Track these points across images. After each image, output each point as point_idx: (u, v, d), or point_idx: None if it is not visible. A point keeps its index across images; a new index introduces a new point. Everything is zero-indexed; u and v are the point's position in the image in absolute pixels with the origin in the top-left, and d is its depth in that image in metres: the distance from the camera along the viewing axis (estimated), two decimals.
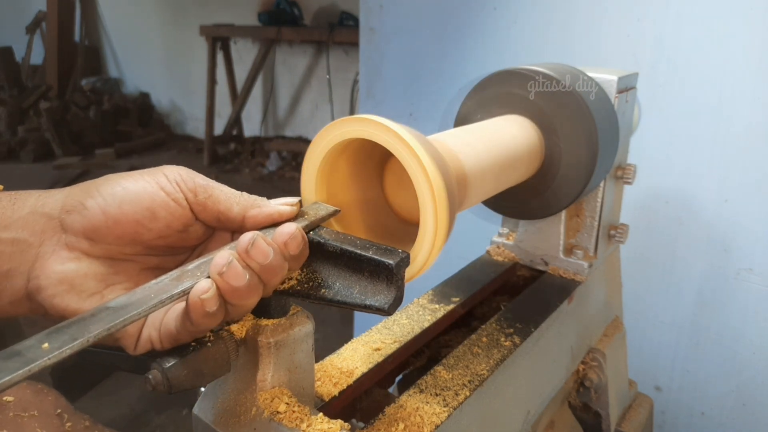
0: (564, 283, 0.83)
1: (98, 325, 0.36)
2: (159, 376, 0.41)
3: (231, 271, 0.40)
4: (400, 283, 0.43)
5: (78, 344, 0.34)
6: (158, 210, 0.43)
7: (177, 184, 0.44)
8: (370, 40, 1.68)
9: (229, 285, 0.40)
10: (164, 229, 0.44)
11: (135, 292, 0.39)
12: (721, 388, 1.29)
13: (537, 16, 1.37)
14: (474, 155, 0.58)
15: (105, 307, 0.38)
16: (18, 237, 0.42)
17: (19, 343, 0.34)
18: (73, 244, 0.43)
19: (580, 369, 0.88)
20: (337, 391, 0.57)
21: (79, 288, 0.42)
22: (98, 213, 0.42)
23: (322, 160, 0.50)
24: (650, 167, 1.24)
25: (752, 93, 1.12)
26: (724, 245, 1.22)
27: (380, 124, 0.46)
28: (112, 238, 0.43)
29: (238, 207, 0.45)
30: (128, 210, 0.42)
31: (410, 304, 0.74)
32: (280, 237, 0.43)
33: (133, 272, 0.45)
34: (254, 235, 0.41)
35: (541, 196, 0.75)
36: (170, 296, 0.39)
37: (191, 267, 0.42)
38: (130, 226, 0.43)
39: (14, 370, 0.32)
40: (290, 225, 0.43)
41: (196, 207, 0.45)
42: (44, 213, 0.43)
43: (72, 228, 0.42)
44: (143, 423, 1.88)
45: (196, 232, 0.46)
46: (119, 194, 0.43)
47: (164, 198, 0.43)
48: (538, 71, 0.70)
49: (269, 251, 0.41)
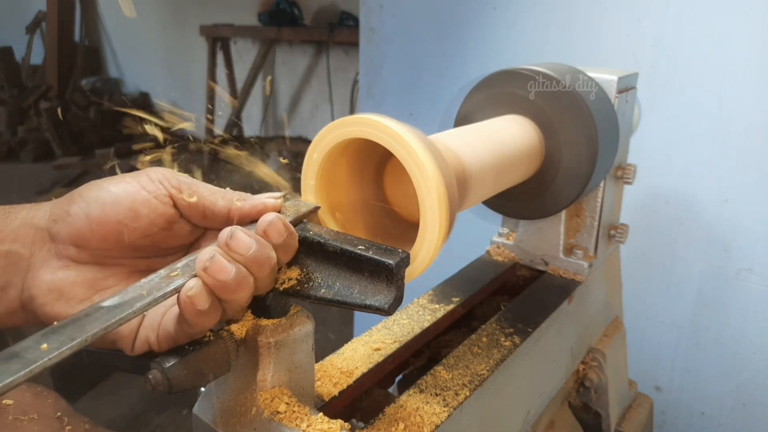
0: (564, 283, 0.82)
1: (95, 325, 0.36)
2: (159, 376, 0.41)
3: (215, 265, 0.40)
4: (400, 283, 0.43)
5: (77, 344, 0.34)
6: (140, 208, 0.44)
7: (160, 182, 0.45)
8: (370, 40, 1.68)
9: (216, 280, 0.40)
10: (148, 227, 0.44)
11: (126, 291, 0.40)
12: (721, 388, 1.29)
13: (537, 16, 1.37)
14: (474, 155, 0.58)
15: (99, 307, 0.38)
16: (11, 249, 0.43)
17: (16, 345, 0.34)
18: (62, 252, 0.44)
19: (580, 369, 0.88)
20: (337, 391, 0.56)
21: (68, 295, 0.43)
22: (82, 217, 0.43)
23: (322, 161, 0.50)
24: (650, 167, 1.24)
25: (752, 93, 1.12)
26: (724, 245, 1.22)
27: (380, 124, 0.46)
28: (96, 241, 0.43)
29: (222, 201, 0.46)
30: (110, 211, 0.43)
31: (410, 304, 0.74)
32: (260, 226, 0.43)
33: (123, 276, 0.46)
34: (232, 228, 0.42)
35: (541, 196, 0.75)
36: (163, 294, 0.40)
37: (180, 265, 0.43)
38: (112, 226, 0.43)
39: (15, 372, 0.32)
40: (270, 214, 0.44)
41: (180, 203, 0.45)
42: (33, 224, 0.44)
43: (59, 236, 0.43)
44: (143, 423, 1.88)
45: (181, 229, 0.47)
46: (101, 197, 0.43)
47: (146, 196, 0.44)
48: (538, 71, 0.70)
49: (251, 242, 0.41)
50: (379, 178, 0.59)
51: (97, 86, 5.84)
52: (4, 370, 0.32)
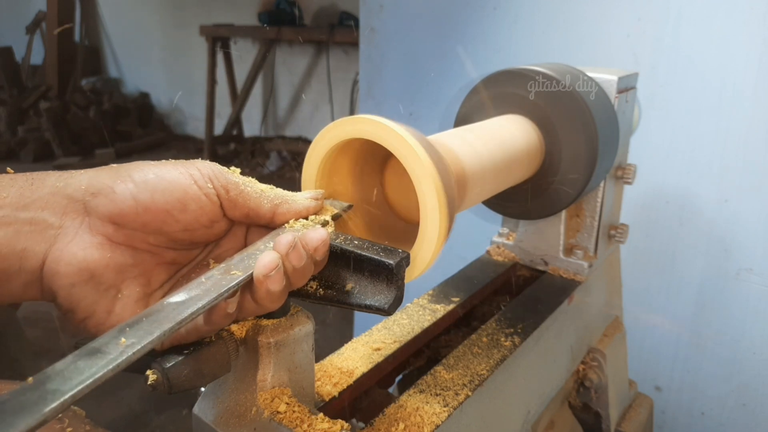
0: (564, 283, 0.82)
1: (168, 319, 0.36)
2: (159, 376, 0.41)
3: (277, 275, 0.41)
4: (400, 283, 0.43)
5: (156, 338, 0.34)
6: (189, 202, 0.43)
7: (209, 179, 0.44)
8: (370, 40, 1.68)
9: (267, 287, 0.41)
10: (192, 222, 0.44)
11: (191, 288, 0.39)
12: (721, 388, 1.29)
13: (537, 16, 1.37)
14: (474, 155, 0.58)
15: (167, 303, 0.37)
16: (37, 217, 0.40)
17: (94, 341, 0.33)
18: (98, 228, 0.42)
19: (580, 369, 0.88)
20: (337, 391, 0.57)
21: (99, 279, 0.41)
22: (128, 198, 0.41)
23: (322, 160, 0.50)
24: (650, 167, 1.24)
25: (752, 93, 1.12)
26: (724, 245, 1.22)
27: (380, 124, 0.46)
28: (138, 224, 0.42)
29: (268, 204, 0.46)
30: (159, 199, 0.42)
31: (410, 304, 0.74)
32: (311, 243, 0.43)
33: (150, 266, 0.45)
34: (295, 242, 0.42)
35: (541, 196, 0.75)
36: (227, 289, 0.39)
37: (235, 261, 0.43)
38: (159, 214, 0.42)
39: (103, 367, 0.31)
40: (321, 231, 0.44)
41: (226, 203, 0.45)
42: (66, 194, 0.41)
43: (97, 211, 0.41)
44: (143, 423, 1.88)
45: (220, 227, 0.46)
46: (152, 181, 0.42)
47: (197, 191, 0.43)
48: (538, 71, 0.70)
49: (304, 254, 0.43)
50: (379, 178, 0.59)
51: (97, 86, 5.84)
52: (92, 365, 0.31)
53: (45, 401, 0.29)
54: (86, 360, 0.31)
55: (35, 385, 0.29)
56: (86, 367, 0.31)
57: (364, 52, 1.71)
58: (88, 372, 0.31)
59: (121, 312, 0.42)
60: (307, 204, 0.48)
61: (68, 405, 0.29)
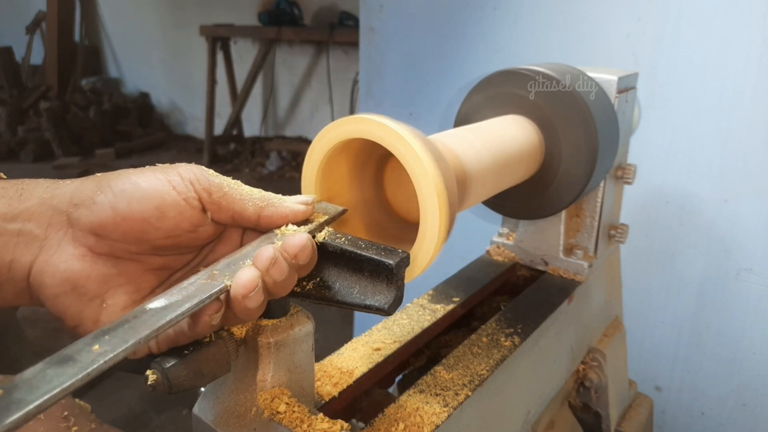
0: (564, 283, 0.82)
1: (145, 326, 0.35)
2: (159, 377, 0.41)
3: (256, 295, 0.40)
4: (400, 283, 0.43)
5: (131, 346, 0.34)
6: (167, 209, 0.43)
7: (191, 183, 0.44)
8: (370, 40, 1.68)
9: (245, 305, 0.41)
10: (173, 229, 0.43)
11: (171, 293, 0.39)
12: (721, 388, 1.29)
13: (537, 16, 1.37)
14: (474, 155, 0.58)
15: (145, 309, 0.37)
16: (23, 228, 0.41)
17: (67, 348, 0.33)
18: (80, 240, 0.42)
19: (580, 369, 0.88)
20: (337, 391, 0.56)
21: (81, 290, 0.42)
22: (107, 209, 0.41)
23: (322, 160, 0.50)
24: (650, 167, 1.24)
25: (752, 93, 1.12)
26: (724, 245, 1.22)
27: (380, 124, 0.46)
28: (118, 234, 0.42)
29: (253, 207, 0.45)
30: (136, 208, 0.42)
31: (410, 304, 0.74)
32: (290, 249, 0.42)
33: (137, 273, 0.45)
34: (276, 257, 0.41)
35: (541, 196, 0.75)
36: (209, 295, 0.39)
37: (220, 266, 0.42)
38: (137, 223, 0.42)
39: (72, 375, 0.31)
40: (301, 236, 0.43)
41: (210, 206, 0.44)
42: (52, 205, 0.42)
43: (79, 223, 0.42)
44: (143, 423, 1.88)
45: (206, 231, 0.46)
46: (129, 191, 0.42)
47: (175, 197, 0.43)
48: (538, 71, 0.70)
49: (286, 268, 0.42)
50: (379, 178, 0.59)
51: (97, 86, 5.84)
52: (61, 373, 0.31)
53: (8, 411, 0.28)
54: (56, 368, 0.31)
55: (3, 395, 0.29)
56: (55, 375, 0.31)
57: (364, 52, 1.71)
58: (57, 381, 0.30)
59: (107, 320, 0.42)
60: (295, 208, 0.46)
61: (33, 415, 0.29)
